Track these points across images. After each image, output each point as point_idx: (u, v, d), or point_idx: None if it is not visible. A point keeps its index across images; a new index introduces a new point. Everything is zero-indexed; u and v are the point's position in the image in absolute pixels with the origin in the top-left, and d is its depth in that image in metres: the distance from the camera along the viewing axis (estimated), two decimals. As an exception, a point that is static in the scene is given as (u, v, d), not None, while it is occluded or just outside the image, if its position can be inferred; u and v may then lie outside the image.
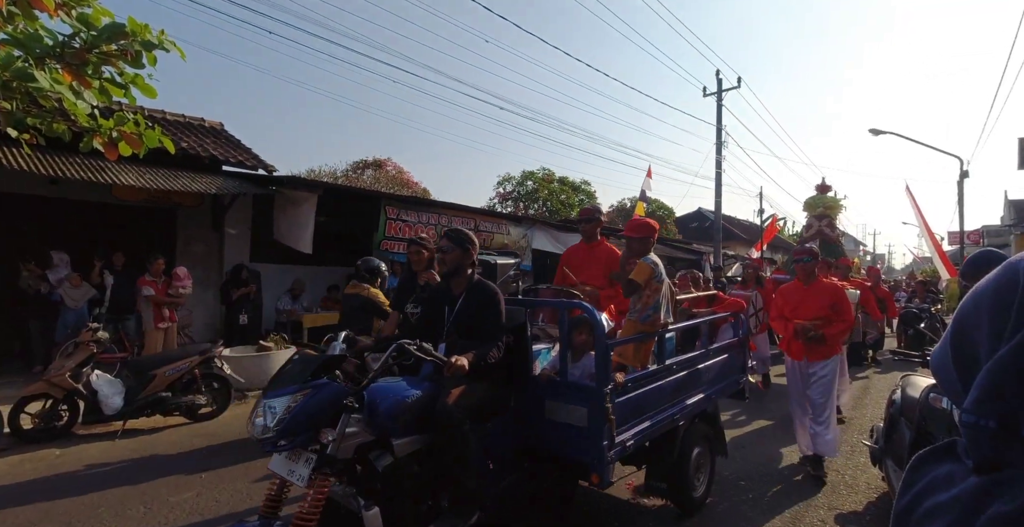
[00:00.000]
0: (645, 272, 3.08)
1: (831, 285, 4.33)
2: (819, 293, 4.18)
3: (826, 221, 10.71)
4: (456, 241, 2.79)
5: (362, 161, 24.16)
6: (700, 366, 3.54)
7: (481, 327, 2.66)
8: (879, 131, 16.83)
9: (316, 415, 2.09)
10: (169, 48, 3.70)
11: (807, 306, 4.15)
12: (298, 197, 8.17)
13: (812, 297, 4.17)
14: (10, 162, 5.70)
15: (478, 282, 2.80)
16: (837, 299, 4.14)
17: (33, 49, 3.47)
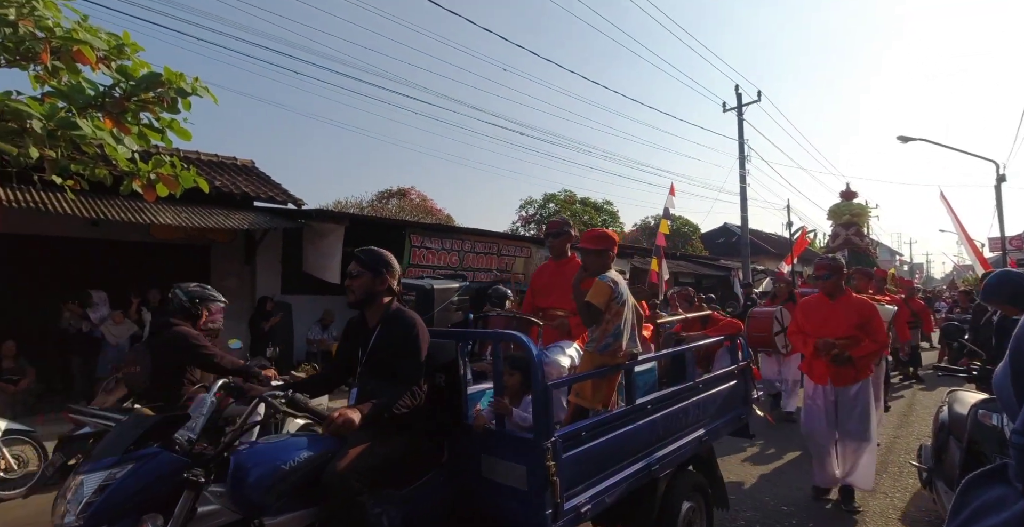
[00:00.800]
0: (604, 293, 2.54)
1: (861, 301, 3.87)
2: (847, 310, 3.73)
3: (854, 229, 10.13)
4: (366, 263, 2.34)
5: (387, 191, 24.70)
6: (687, 403, 2.95)
7: (395, 367, 2.20)
8: (908, 138, 16.51)
9: (139, 495, 1.66)
10: (202, 94, 3.88)
11: (832, 324, 3.72)
12: (325, 229, 8.36)
13: (838, 314, 3.72)
14: (54, 207, 5.99)
15: (395, 312, 2.32)
16: (867, 317, 3.70)
17: (76, 100, 3.69)
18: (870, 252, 10.37)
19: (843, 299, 3.82)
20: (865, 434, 3.70)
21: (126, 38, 3.76)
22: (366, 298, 2.33)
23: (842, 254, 9.55)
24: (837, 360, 3.61)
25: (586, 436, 2.25)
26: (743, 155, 16.97)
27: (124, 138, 3.91)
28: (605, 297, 2.53)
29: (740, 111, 17.08)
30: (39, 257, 7.37)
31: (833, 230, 10.56)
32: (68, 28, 3.57)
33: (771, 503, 3.89)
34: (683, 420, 2.90)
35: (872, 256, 10.25)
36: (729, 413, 3.39)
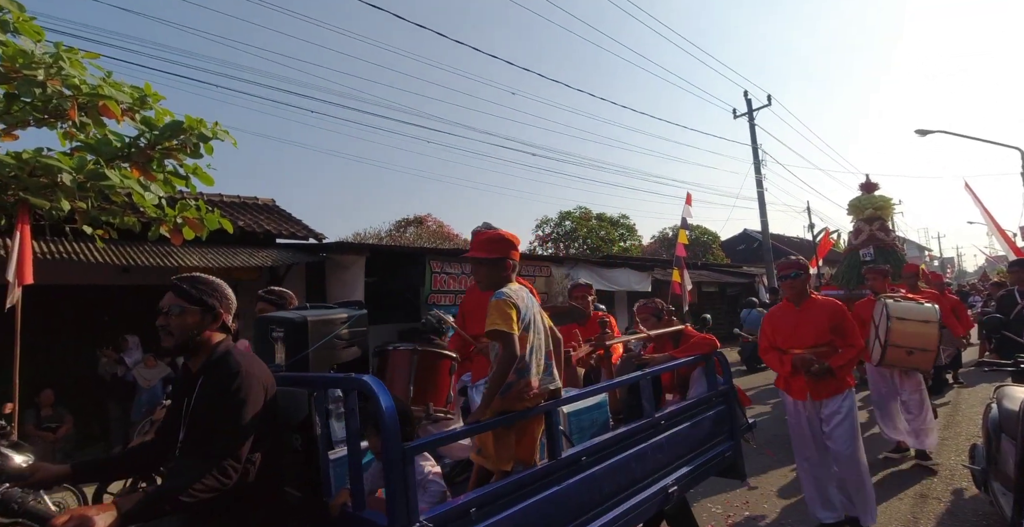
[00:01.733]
0: (505, 315, 1.94)
1: (829, 303, 3.51)
2: (816, 314, 3.44)
3: (878, 224, 9.45)
4: (188, 295, 1.81)
5: (404, 219, 25.00)
6: (645, 446, 2.38)
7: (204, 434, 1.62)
8: (926, 131, 16.27)
9: None
10: (223, 137, 4.02)
11: (802, 332, 3.43)
12: (347, 261, 8.49)
13: (807, 320, 3.43)
14: (86, 256, 6.19)
15: (218, 358, 1.75)
16: (838, 320, 3.41)
17: (104, 152, 3.85)
18: (897, 248, 9.73)
19: (808, 303, 3.50)
20: (854, 455, 3.34)
21: (147, 89, 3.93)
22: (186, 341, 1.79)
23: (867, 252, 9.16)
24: (817, 374, 3.29)
25: (479, 512, 1.65)
26: (757, 160, 16.88)
27: (150, 185, 4.05)
28: (510, 319, 1.94)
29: (751, 116, 17.06)
30: (73, 306, 7.58)
31: (855, 226, 9.88)
32: (93, 84, 3.74)
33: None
34: (640, 469, 2.33)
35: (900, 252, 9.62)
36: (709, 451, 2.85)
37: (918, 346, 4.25)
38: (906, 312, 4.36)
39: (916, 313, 4.36)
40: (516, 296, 2.03)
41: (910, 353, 4.27)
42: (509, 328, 1.92)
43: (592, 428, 2.61)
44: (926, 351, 4.26)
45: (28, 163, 3.58)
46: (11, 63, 3.49)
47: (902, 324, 4.31)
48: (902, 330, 4.29)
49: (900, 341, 4.29)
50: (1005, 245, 13.47)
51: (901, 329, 4.30)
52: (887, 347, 4.30)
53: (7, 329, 4.22)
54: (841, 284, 9.11)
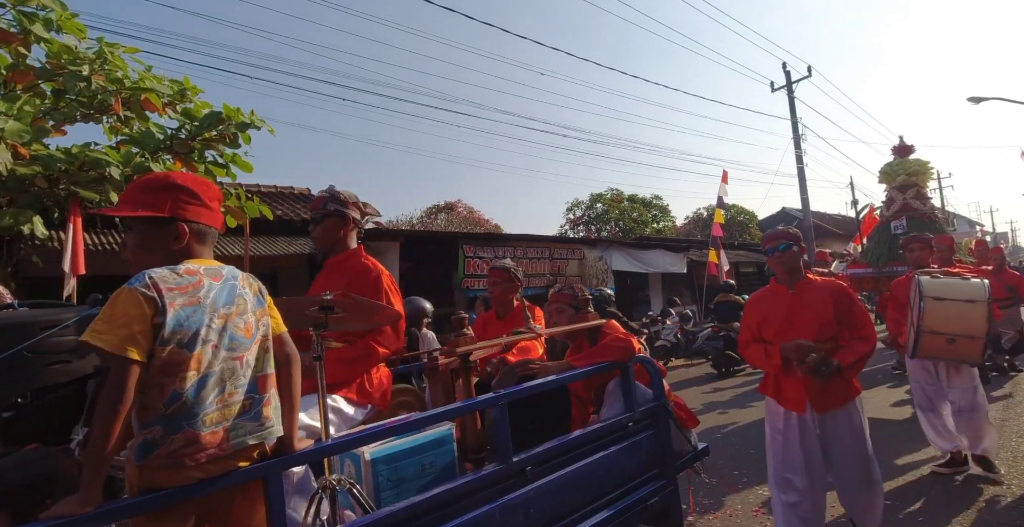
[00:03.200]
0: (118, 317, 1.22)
1: (830, 284, 2.76)
2: (815, 299, 2.63)
3: (912, 192, 8.43)
4: None
5: (435, 206, 25.19)
6: (495, 505, 1.66)
7: None
8: (980, 98, 15.39)
9: None
10: (260, 126, 4.09)
11: (800, 322, 2.60)
12: (382, 247, 8.59)
13: (805, 307, 2.63)
14: (136, 246, 6.42)
15: None
16: (845, 304, 2.62)
17: (148, 145, 3.96)
18: (936, 217, 8.66)
19: (804, 285, 2.70)
20: (872, 480, 2.64)
21: (187, 82, 4.01)
22: None
23: (898, 223, 8.26)
24: (819, 372, 2.42)
25: None
26: (797, 135, 16.29)
27: (192, 176, 4.17)
28: (124, 326, 1.19)
29: (790, 89, 16.43)
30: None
31: (887, 195, 8.88)
32: (135, 79, 3.84)
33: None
34: None
35: (938, 222, 8.55)
36: (622, 499, 2.09)
37: (961, 332, 3.44)
38: (945, 290, 3.55)
39: (958, 291, 3.54)
40: (165, 282, 1.26)
41: (951, 341, 3.44)
42: (118, 343, 1.16)
43: (421, 478, 1.73)
44: (972, 338, 3.40)
45: (77, 157, 3.71)
46: (56, 60, 3.60)
47: (940, 305, 3.50)
48: (940, 313, 3.49)
49: (938, 326, 3.48)
50: (1066, 217, 12.67)
51: (938, 311, 3.49)
52: (921, 334, 3.49)
53: (66, 318, 4.42)
54: (870, 261, 8.33)
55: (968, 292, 3.51)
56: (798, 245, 2.74)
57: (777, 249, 2.73)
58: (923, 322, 3.49)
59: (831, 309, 2.59)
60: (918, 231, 7.77)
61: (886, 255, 8.00)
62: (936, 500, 3.52)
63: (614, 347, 2.36)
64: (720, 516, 3.49)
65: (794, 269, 2.74)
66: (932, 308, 3.50)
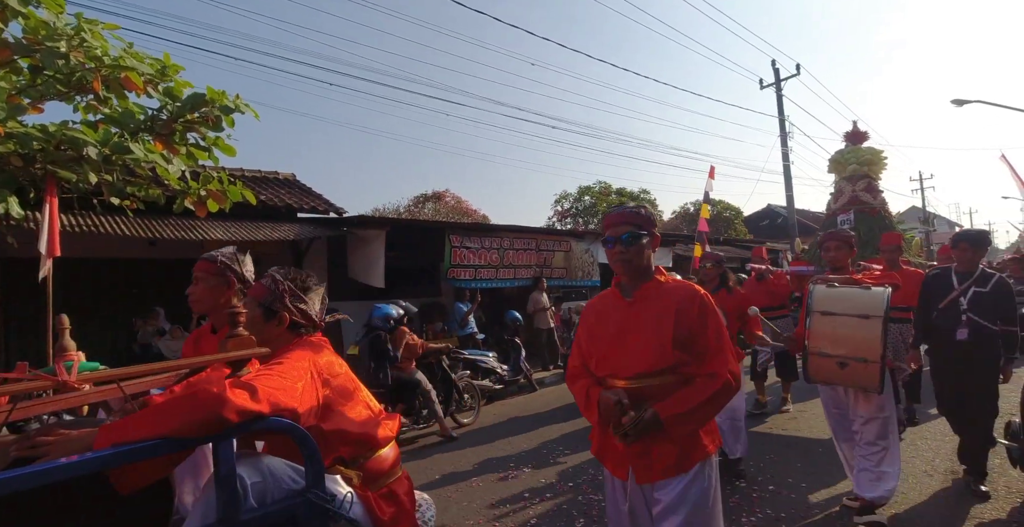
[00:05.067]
0: None
1: (681, 289, 1.90)
2: (655, 311, 1.86)
3: (863, 183, 7.62)
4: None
5: (422, 195, 25.03)
6: None
7: None
8: (963, 101, 15.60)
9: None
10: (244, 110, 4.00)
11: (632, 346, 1.86)
12: (368, 235, 8.51)
13: (641, 323, 1.87)
14: (113, 229, 6.28)
15: None
16: (693, 319, 1.82)
17: (127, 125, 3.86)
18: (887, 213, 7.83)
19: (648, 290, 1.90)
20: None
21: (167, 60, 3.90)
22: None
23: (845, 218, 7.52)
24: (627, 436, 1.72)
25: None
26: (784, 132, 16.40)
27: (173, 158, 4.06)
28: None
29: (778, 86, 16.52)
30: (103, 279, 7.76)
31: (836, 186, 8.03)
32: (115, 56, 3.72)
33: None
34: None
35: (888, 218, 7.77)
36: None
37: (852, 355, 2.85)
38: (836, 303, 2.96)
39: (852, 304, 2.91)
40: None
41: (843, 365, 2.88)
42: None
43: None
44: (866, 362, 2.82)
45: (54, 136, 3.60)
46: (34, 35, 3.47)
47: (829, 322, 2.94)
48: (828, 331, 2.94)
49: (826, 347, 2.94)
50: (1042, 220, 12.84)
51: (826, 329, 2.95)
52: (808, 356, 3.01)
53: (39, 302, 4.32)
54: (813, 259, 7.54)
55: (863, 305, 2.88)
56: (649, 234, 1.89)
57: (619, 240, 1.86)
58: (809, 342, 2.99)
59: (671, 327, 1.80)
60: (865, 228, 7.18)
61: None
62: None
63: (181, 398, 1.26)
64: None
65: (640, 270, 1.89)
66: (819, 325, 2.96)
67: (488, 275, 9.69)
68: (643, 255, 1.89)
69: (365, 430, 1.64)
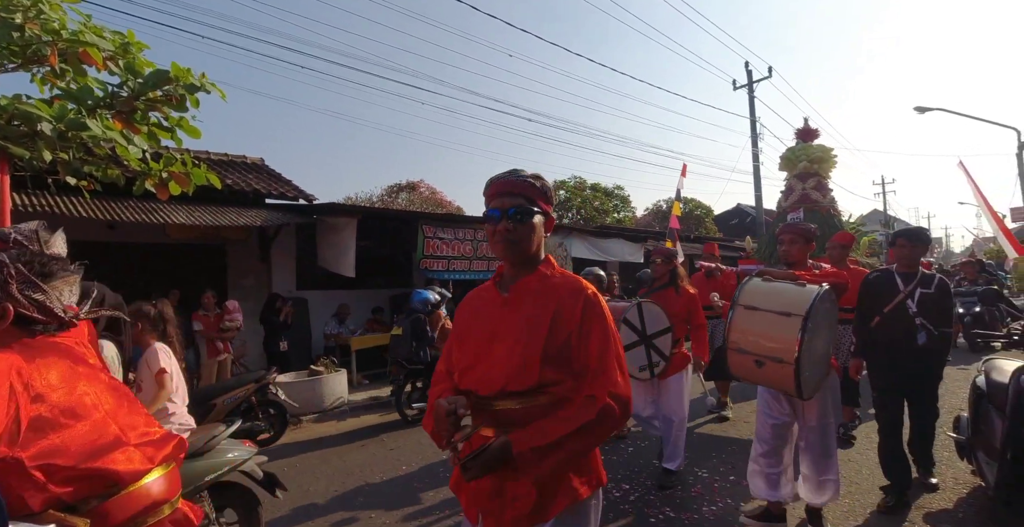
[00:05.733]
0: None
1: (564, 284, 1.49)
2: (531, 310, 1.46)
3: (813, 181, 7.53)
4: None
5: (396, 185, 24.72)
6: None
7: None
8: (925, 108, 16.15)
9: None
10: (210, 89, 3.86)
11: (499, 351, 1.45)
12: (338, 223, 8.37)
13: (513, 323, 1.47)
14: (70, 210, 6.04)
15: None
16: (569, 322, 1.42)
17: (85, 101, 3.69)
18: (835, 212, 7.75)
19: (526, 283, 1.52)
20: None
21: (130, 36, 3.74)
22: None
23: (795, 216, 7.50)
24: (466, 468, 1.30)
25: None
26: (755, 133, 16.70)
27: (134, 138, 3.91)
28: None
29: (751, 88, 16.80)
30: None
31: (787, 184, 7.93)
32: (74, 29, 3.56)
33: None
34: None
35: (837, 216, 7.72)
36: None
37: (767, 354, 2.63)
38: (763, 298, 2.74)
39: (777, 300, 2.68)
40: None
41: (759, 364, 2.65)
42: None
43: None
44: (781, 363, 2.56)
45: (6, 110, 3.43)
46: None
47: (749, 317, 2.72)
48: (747, 327, 2.74)
49: (744, 343, 2.73)
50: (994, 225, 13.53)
51: (746, 325, 2.74)
52: (728, 352, 2.84)
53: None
54: (762, 257, 7.75)
55: (788, 302, 2.64)
56: (544, 213, 1.50)
57: (507, 215, 1.43)
58: (730, 336, 2.80)
59: (542, 334, 1.38)
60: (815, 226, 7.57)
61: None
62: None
63: None
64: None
65: (525, 256, 1.48)
66: (740, 320, 2.77)
67: (461, 266, 9.64)
68: (533, 238, 1.48)
69: (97, 463, 1.26)
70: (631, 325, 3.69)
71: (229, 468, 2.81)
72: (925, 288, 3.39)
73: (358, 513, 3.70)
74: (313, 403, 6.66)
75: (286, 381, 6.58)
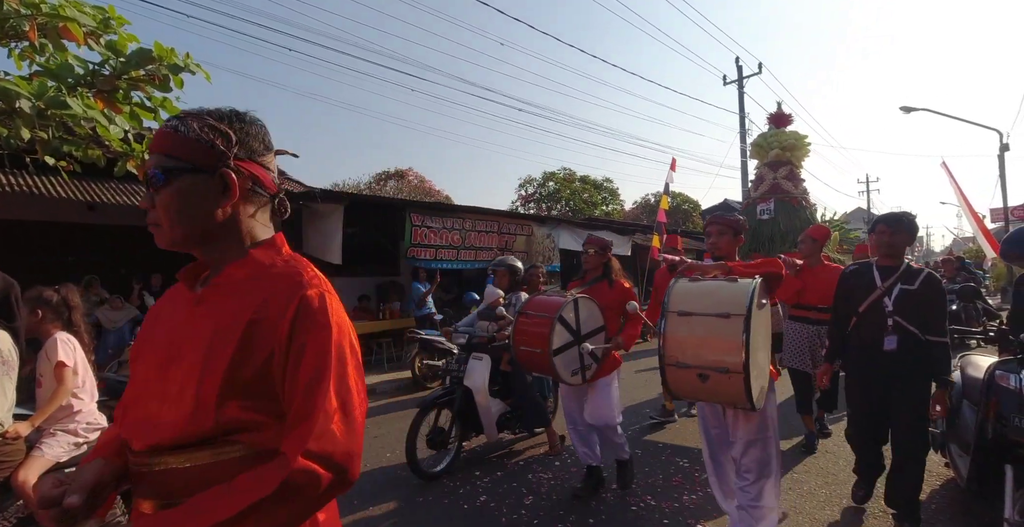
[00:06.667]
0: None
1: (282, 280, 0.98)
2: (216, 320, 0.95)
3: (785, 170, 7.04)
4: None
5: (384, 172, 24.52)
6: None
7: None
8: (910, 108, 16.34)
9: None
10: (195, 70, 3.78)
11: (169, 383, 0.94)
12: (325, 209, 8.28)
13: (195, 341, 0.95)
14: (48, 190, 5.91)
15: None
16: (283, 340, 0.92)
17: (65, 78, 3.59)
18: (807, 204, 7.19)
19: (229, 276, 1.02)
20: None
21: (111, 11, 3.65)
22: None
23: (764, 207, 7.03)
24: None
25: None
26: (744, 129, 16.80)
27: (116, 118, 3.82)
28: None
29: (741, 84, 16.85)
30: (38, 244, 7.31)
31: (757, 173, 7.51)
32: (53, 3, 3.45)
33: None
34: None
35: (809, 208, 7.19)
36: None
37: (711, 364, 2.21)
38: (696, 301, 2.33)
39: (712, 300, 2.30)
40: None
41: (703, 378, 2.21)
42: None
43: None
44: (728, 373, 2.16)
45: (-18, 86, 3.32)
46: (-40, -26, 3.18)
47: (685, 323, 2.30)
48: (684, 335, 2.31)
49: (682, 355, 2.28)
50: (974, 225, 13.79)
51: (682, 333, 2.31)
52: (664, 367, 2.33)
53: (-36, 263, 4.03)
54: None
55: (723, 301, 2.25)
56: (209, 170, 0.98)
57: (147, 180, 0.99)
58: (665, 350, 2.31)
59: (227, 355, 0.91)
60: (787, 218, 6.72)
61: (748, 244, 6.77)
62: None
63: None
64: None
65: (193, 239, 1.01)
66: (675, 329, 2.32)
67: (449, 256, 9.62)
68: (183, 211, 0.98)
69: None
70: (566, 324, 3.19)
71: None
72: (907, 284, 2.86)
73: (340, 500, 3.70)
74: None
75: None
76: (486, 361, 4.28)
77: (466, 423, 4.22)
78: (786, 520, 3.14)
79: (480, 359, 4.29)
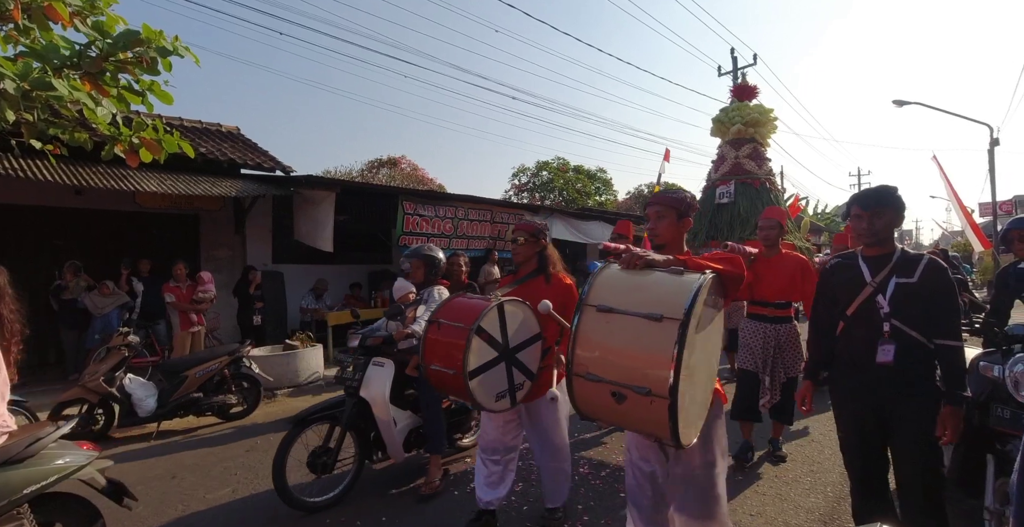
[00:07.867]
0: None
1: None
2: None
3: (748, 149, 6.24)
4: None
5: (377, 160, 24.34)
6: None
7: None
8: (903, 102, 16.40)
9: None
10: (184, 54, 3.72)
11: None
12: (317, 196, 8.22)
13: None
14: (35, 174, 5.82)
15: None
16: None
17: (51, 59, 3.52)
18: (772, 185, 6.32)
19: None
20: None
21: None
22: None
23: (725, 190, 6.25)
24: None
25: None
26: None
27: (103, 100, 3.75)
28: None
29: (735, 75, 16.78)
30: (24, 228, 7.21)
31: (718, 152, 6.58)
32: (38, -18, 3.37)
33: (759, 465, 3.93)
34: None
35: (775, 191, 6.38)
36: None
37: (631, 380, 1.59)
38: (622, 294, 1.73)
39: (643, 296, 1.69)
40: None
41: (618, 397, 1.61)
42: None
43: None
44: (651, 396, 1.54)
45: (-35, 66, 3.25)
46: (-59, -49, 3.09)
47: (603, 323, 1.70)
48: (600, 340, 1.70)
49: (593, 365, 1.68)
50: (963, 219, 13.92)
51: (598, 336, 1.70)
52: (570, 377, 1.71)
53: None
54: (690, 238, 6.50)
55: (658, 299, 1.65)
56: None
57: None
58: (572, 354, 1.71)
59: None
60: (748, 202, 5.99)
61: (705, 231, 6.17)
62: None
63: None
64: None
65: None
66: (589, 328, 1.72)
67: (441, 244, 9.59)
68: None
69: None
70: (488, 336, 2.44)
71: (57, 477, 2.29)
72: (904, 276, 2.22)
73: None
74: (288, 377, 6.63)
75: (261, 355, 6.53)
76: (389, 367, 3.59)
77: (367, 441, 3.59)
78: (772, 507, 3.20)
79: (381, 366, 3.59)
